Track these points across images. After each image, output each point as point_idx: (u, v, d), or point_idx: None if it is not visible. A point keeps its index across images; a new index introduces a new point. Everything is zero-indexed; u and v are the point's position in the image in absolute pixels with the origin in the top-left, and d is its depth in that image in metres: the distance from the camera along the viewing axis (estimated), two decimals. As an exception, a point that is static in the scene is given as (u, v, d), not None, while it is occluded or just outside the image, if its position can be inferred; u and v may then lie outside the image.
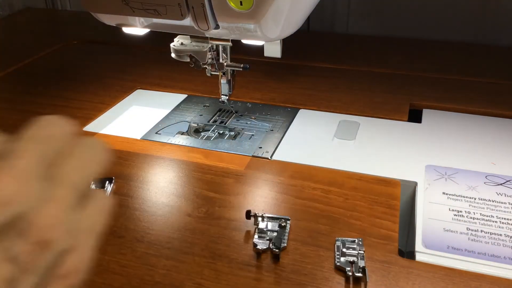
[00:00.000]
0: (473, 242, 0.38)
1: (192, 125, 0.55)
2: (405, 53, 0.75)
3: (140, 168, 0.47)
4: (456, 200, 0.42)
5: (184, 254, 0.37)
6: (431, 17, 0.80)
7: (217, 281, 0.34)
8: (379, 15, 0.83)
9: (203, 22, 0.41)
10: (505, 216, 0.40)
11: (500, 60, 0.72)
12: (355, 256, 0.35)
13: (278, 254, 0.36)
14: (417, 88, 0.63)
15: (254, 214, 0.39)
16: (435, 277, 0.35)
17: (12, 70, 0.70)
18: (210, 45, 0.47)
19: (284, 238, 0.37)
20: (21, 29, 0.92)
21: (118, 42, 0.78)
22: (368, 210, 0.41)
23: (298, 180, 0.45)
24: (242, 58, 0.52)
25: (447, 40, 0.80)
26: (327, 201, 0.42)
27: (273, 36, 0.44)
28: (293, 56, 0.73)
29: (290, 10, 0.42)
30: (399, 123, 0.55)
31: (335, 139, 0.52)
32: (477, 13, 0.77)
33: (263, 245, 0.36)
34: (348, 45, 0.79)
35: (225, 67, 0.50)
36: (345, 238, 0.37)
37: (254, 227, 0.39)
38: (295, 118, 0.56)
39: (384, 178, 0.45)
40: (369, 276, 0.34)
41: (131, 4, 0.42)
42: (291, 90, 0.63)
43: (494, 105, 0.58)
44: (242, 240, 0.38)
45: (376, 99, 0.60)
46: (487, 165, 0.47)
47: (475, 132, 0.53)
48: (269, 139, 0.52)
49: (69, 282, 0.23)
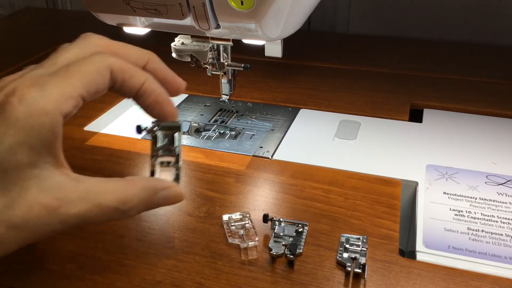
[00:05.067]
0: (474, 242, 0.38)
1: (192, 124, 0.55)
2: (406, 53, 0.75)
3: (140, 168, 0.47)
4: (457, 199, 0.42)
5: (185, 254, 0.37)
6: (432, 17, 0.80)
7: (218, 280, 0.34)
8: (380, 15, 0.83)
9: (204, 22, 0.41)
10: (506, 216, 0.40)
11: (501, 60, 0.72)
12: (357, 253, 0.35)
13: (293, 260, 0.35)
14: (418, 88, 0.63)
15: (272, 218, 0.38)
16: (436, 277, 0.35)
17: (12, 70, 0.70)
18: (211, 45, 0.48)
19: (300, 244, 0.37)
20: (22, 29, 0.92)
21: (119, 41, 0.78)
22: (368, 210, 0.41)
23: (299, 179, 0.45)
24: (242, 57, 0.52)
25: (447, 40, 0.80)
26: (327, 201, 0.42)
27: (274, 36, 0.44)
28: (294, 56, 0.73)
29: (291, 10, 0.42)
30: (400, 123, 0.55)
31: (336, 139, 0.52)
32: (477, 13, 0.77)
33: (278, 249, 0.36)
34: (349, 45, 0.79)
35: (226, 67, 0.50)
36: (350, 235, 0.37)
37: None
38: (296, 118, 0.56)
39: (384, 178, 0.45)
40: (370, 276, 0.34)
41: (132, 3, 0.42)
42: (292, 89, 0.63)
43: (495, 105, 0.58)
44: (243, 239, 0.38)
45: (377, 99, 0.60)
46: (488, 165, 0.47)
47: (476, 132, 0.53)
48: (270, 138, 0.52)
49: None
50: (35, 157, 0.26)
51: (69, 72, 0.28)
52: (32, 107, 0.26)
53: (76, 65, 0.29)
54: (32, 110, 0.26)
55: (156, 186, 0.31)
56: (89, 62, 0.29)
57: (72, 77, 0.28)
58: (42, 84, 0.27)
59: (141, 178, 0.31)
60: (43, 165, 0.27)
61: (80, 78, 0.28)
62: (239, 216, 0.39)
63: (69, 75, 0.28)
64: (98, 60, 0.29)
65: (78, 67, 0.29)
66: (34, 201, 0.26)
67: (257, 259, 0.36)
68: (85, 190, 0.28)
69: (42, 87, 0.27)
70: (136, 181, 0.31)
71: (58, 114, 0.27)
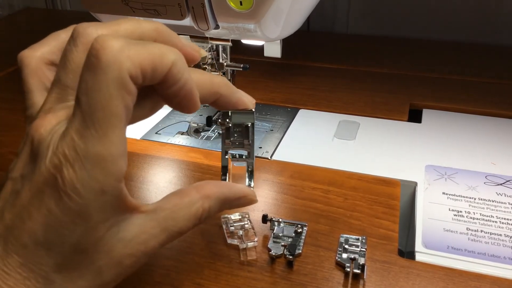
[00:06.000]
0: (473, 242, 0.38)
1: (192, 125, 0.55)
2: (405, 53, 0.75)
3: (140, 168, 0.47)
4: (456, 200, 0.42)
5: (184, 254, 0.37)
6: (432, 17, 0.80)
7: (217, 281, 0.34)
8: (379, 15, 0.83)
9: (203, 22, 0.41)
10: (505, 216, 0.40)
11: (500, 60, 0.72)
12: (356, 253, 0.35)
13: (292, 261, 0.35)
14: (417, 88, 0.63)
15: (271, 218, 0.38)
16: (435, 277, 0.35)
17: (12, 70, 0.70)
18: (210, 45, 0.48)
19: (300, 245, 0.37)
20: (21, 29, 0.92)
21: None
22: (368, 210, 0.41)
23: (298, 180, 0.45)
24: (242, 58, 0.52)
25: (447, 40, 0.80)
26: (326, 201, 0.42)
27: (273, 36, 0.44)
28: (293, 56, 0.73)
29: (290, 10, 0.42)
30: (399, 123, 0.55)
31: (335, 139, 0.52)
32: (477, 13, 0.77)
33: (277, 250, 0.36)
34: (348, 45, 0.79)
35: (225, 67, 0.50)
36: (350, 236, 0.37)
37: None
38: (295, 118, 0.56)
39: (384, 178, 0.45)
40: (369, 276, 0.34)
41: (131, 4, 0.42)
42: (291, 90, 0.63)
43: (494, 105, 0.58)
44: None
45: (376, 99, 0.60)
46: (487, 165, 0.47)
47: (475, 132, 0.53)
48: (269, 139, 0.52)
49: None
50: (108, 223, 0.25)
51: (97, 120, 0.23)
52: (86, 191, 0.23)
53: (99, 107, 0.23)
54: (88, 194, 0.23)
55: (231, 196, 0.30)
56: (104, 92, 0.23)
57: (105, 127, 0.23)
58: (83, 161, 0.23)
59: (216, 186, 0.29)
60: (117, 220, 0.25)
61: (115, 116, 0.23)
62: (238, 216, 0.39)
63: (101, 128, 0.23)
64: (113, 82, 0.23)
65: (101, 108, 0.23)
66: (121, 256, 0.25)
67: (256, 260, 0.36)
68: (165, 219, 0.27)
69: (85, 166, 0.23)
70: (211, 192, 0.29)
71: (115, 184, 0.24)
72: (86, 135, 0.23)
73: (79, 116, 0.23)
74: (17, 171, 0.25)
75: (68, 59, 0.26)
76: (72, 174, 0.23)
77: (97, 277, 0.25)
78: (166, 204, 0.27)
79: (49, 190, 0.23)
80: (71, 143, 0.23)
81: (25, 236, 0.23)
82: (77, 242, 0.24)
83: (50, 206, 0.23)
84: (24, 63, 0.31)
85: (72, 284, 0.25)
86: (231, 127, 0.32)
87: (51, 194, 0.23)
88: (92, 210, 0.24)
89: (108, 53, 0.23)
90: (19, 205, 0.24)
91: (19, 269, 0.24)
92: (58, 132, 0.24)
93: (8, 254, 0.24)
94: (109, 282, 0.26)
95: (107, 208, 0.24)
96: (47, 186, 0.23)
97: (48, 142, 0.24)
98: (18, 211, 0.24)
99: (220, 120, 0.32)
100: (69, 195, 0.23)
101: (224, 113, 0.32)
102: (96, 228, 0.24)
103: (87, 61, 0.23)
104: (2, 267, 0.24)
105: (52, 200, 0.23)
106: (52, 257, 0.24)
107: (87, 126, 0.23)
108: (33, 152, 0.25)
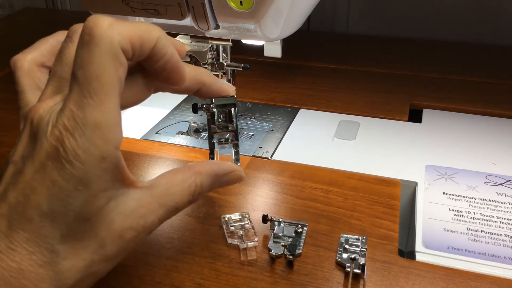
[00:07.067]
0: (473, 242, 0.38)
1: (192, 125, 0.55)
2: (406, 53, 0.75)
3: (140, 168, 0.47)
4: (456, 200, 0.42)
5: (184, 254, 0.37)
6: (431, 17, 0.80)
7: (217, 281, 0.34)
8: (379, 15, 0.83)
9: (203, 22, 0.41)
10: (505, 216, 0.40)
11: (500, 60, 0.72)
12: (357, 253, 0.35)
13: (292, 261, 0.35)
14: (417, 88, 0.63)
15: (271, 218, 0.38)
16: (435, 277, 0.35)
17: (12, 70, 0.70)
18: (210, 45, 0.48)
19: (300, 245, 0.37)
20: (21, 29, 0.92)
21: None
22: (368, 210, 0.41)
23: (298, 180, 0.45)
24: (242, 58, 0.52)
25: (447, 40, 0.80)
26: (327, 201, 0.42)
27: (273, 36, 0.44)
28: (293, 56, 0.73)
29: (290, 10, 0.42)
30: (399, 123, 0.55)
31: (335, 139, 0.52)
32: (477, 13, 0.77)
33: (277, 250, 0.36)
34: (348, 45, 0.79)
35: (225, 67, 0.50)
36: (350, 236, 0.37)
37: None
38: (295, 118, 0.56)
39: (384, 178, 0.45)
40: (369, 276, 0.34)
41: (131, 4, 0.42)
42: (291, 90, 0.63)
43: (495, 105, 0.58)
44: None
45: (376, 99, 0.60)
46: (487, 165, 0.47)
47: (475, 132, 0.53)
48: (269, 139, 0.52)
49: None
50: (108, 193, 0.26)
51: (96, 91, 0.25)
52: (87, 157, 0.24)
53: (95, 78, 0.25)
54: (89, 160, 0.24)
55: (221, 172, 0.31)
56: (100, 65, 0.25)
57: (102, 94, 0.24)
58: (83, 128, 0.24)
59: (206, 164, 0.31)
60: (116, 193, 0.26)
61: (112, 89, 0.25)
62: (238, 216, 0.39)
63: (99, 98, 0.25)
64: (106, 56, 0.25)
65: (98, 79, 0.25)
66: (122, 229, 0.26)
67: (257, 260, 0.36)
68: (161, 195, 0.28)
69: (84, 132, 0.24)
70: (202, 169, 0.30)
71: (113, 151, 0.25)
72: (84, 105, 0.24)
73: (76, 89, 0.24)
74: (17, 154, 0.26)
75: (64, 53, 0.28)
76: (73, 142, 0.24)
77: (100, 249, 0.26)
78: (161, 181, 0.29)
79: (52, 162, 0.24)
80: (70, 114, 0.24)
81: (30, 210, 0.24)
82: (80, 210, 0.25)
83: (53, 177, 0.24)
84: (17, 65, 0.33)
85: (76, 257, 0.25)
86: (215, 113, 0.34)
87: (54, 165, 0.24)
88: (93, 176, 0.24)
89: (100, 29, 0.24)
90: (22, 182, 0.24)
91: (25, 244, 0.24)
92: (56, 109, 0.25)
93: (13, 231, 0.24)
94: (112, 257, 0.26)
95: (107, 176, 0.25)
96: (49, 159, 0.24)
97: (47, 119, 0.25)
98: (22, 188, 0.24)
99: (205, 105, 0.34)
100: (71, 163, 0.24)
101: (209, 99, 0.34)
102: (97, 196, 0.25)
103: (80, 39, 0.25)
104: (8, 244, 0.24)
105: (54, 171, 0.24)
106: (56, 228, 0.24)
107: (84, 95, 0.24)
108: (32, 132, 0.26)
